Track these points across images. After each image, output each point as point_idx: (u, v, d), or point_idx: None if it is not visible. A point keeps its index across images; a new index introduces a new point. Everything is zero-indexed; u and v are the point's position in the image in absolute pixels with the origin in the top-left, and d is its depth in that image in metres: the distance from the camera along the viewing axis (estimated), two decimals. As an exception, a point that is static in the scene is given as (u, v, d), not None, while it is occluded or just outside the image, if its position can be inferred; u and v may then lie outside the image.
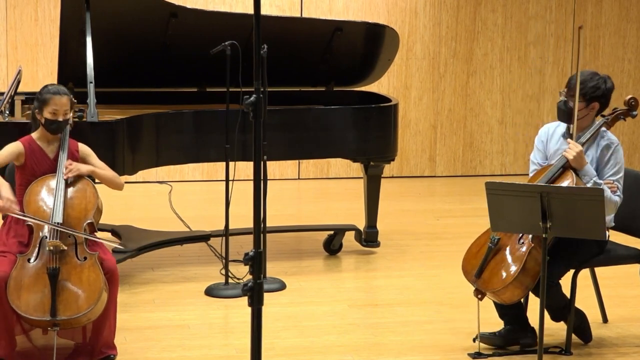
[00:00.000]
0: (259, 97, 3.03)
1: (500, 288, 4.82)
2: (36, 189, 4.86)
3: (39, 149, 4.95)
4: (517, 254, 4.87)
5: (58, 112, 4.90)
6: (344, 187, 9.75)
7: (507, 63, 10.44)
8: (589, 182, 4.87)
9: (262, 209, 5.06)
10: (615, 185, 4.97)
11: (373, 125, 6.83)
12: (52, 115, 4.89)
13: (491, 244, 4.93)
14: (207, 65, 6.42)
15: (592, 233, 4.58)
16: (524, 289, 4.85)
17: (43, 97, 4.93)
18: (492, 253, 4.93)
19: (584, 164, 4.90)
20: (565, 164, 4.92)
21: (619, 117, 5.12)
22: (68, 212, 4.80)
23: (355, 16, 9.95)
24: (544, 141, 5.19)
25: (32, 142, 4.97)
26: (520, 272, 4.79)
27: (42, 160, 4.94)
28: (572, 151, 4.89)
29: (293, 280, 6.35)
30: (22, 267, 4.65)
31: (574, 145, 4.90)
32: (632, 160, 10.84)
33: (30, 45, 9.45)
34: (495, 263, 4.92)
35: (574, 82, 4.96)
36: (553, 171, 4.93)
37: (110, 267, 4.75)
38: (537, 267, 4.80)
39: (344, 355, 5.07)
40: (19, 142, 4.95)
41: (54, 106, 4.89)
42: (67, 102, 4.94)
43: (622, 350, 5.19)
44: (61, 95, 4.92)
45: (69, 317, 4.56)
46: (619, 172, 5.01)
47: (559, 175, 4.93)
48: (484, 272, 4.91)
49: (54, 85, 5.06)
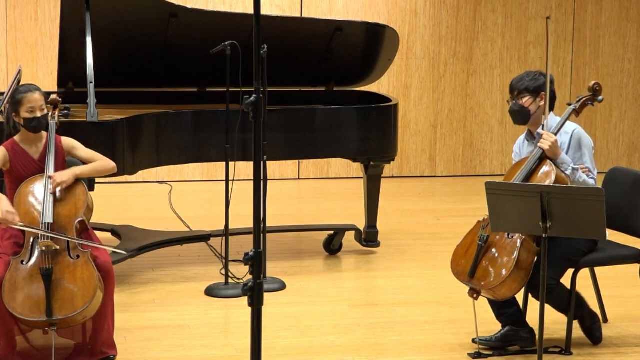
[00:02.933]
0: (259, 97, 3.03)
1: (497, 284, 4.83)
2: (25, 191, 4.86)
3: (22, 151, 4.95)
4: (509, 248, 4.89)
5: (34, 108, 4.88)
6: (344, 187, 9.76)
7: (507, 63, 10.44)
8: (568, 169, 4.93)
9: (262, 209, 5.05)
10: (586, 169, 5.02)
11: (373, 125, 6.83)
12: (29, 114, 4.88)
13: (481, 242, 4.95)
14: (207, 65, 6.42)
15: (592, 233, 4.58)
16: (520, 283, 4.87)
17: (16, 99, 4.92)
18: (482, 251, 4.94)
19: (559, 153, 4.96)
20: (542, 155, 4.97)
21: (586, 104, 5.18)
22: (58, 212, 4.80)
23: (355, 16, 9.95)
24: (518, 151, 5.30)
25: (15, 145, 4.97)
26: (515, 266, 4.81)
27: (27, 162, 4.94)
28: (547, 141, 4.94)
29: (293, 280, 6.35)
30: (15, 269, 4.64)
31: (547, 135, 4.96)
32: (632, 160, 10.84)
33: (30, 45, 9.45)
34: (487, 260, 4.93)
35: (514, 84, 5.15)
36: (531, 163, 4.99)
37: (105, 265, 4.74)
38: (530, 259, 4.83)
39: (344, 355, 5.07)
40: (2, 147, 4.95)
41: (29, 104, 4.88)
42: (41, 98, 4.93)
43: (622, 350, 5.19)
44: (33, 92, 4.92)
45: (65, 316, 4.56)
46: (585, 154, 5.06)
47: (537, 166, 4.97)
48: (477, 271, 4.92)
49: (23, 85, 5.06)
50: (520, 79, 5.16)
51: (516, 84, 5.16)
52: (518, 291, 4.95)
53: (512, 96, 5.17)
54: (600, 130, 10.76)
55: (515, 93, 5.14)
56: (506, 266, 4.84)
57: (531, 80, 5.14)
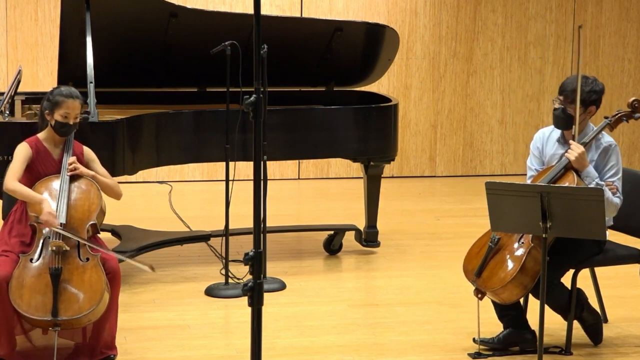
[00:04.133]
0: (259, 97, 3.03)
1: (499, 287, 4.83)
2: (40, 190, 4.85)
3: (44, 149, 4.95)
4: (517, 253, 4.87)
5: (69, 115, 4.89)
6: (344, 187, 9.76)
7: (507, 63, 10.44)
8: (591, 184, 4.87)
9: (262, 209, 5.06)
10: (615, 187, 4.97)
11: (373, 125, 6.83)
12: (63, 119, 4.88)
13: (491, 243, 4.94)
14: (207, 65, 6.42)
15: (592, 233, 4.58)
16: (522, 289, 4.86)
17: (56, 100, 4.90)
18: (492, 253, 4.94)
19: (586, 165, 4.90)
20: (567, 165, 4.93)
21: (621, 119, 5.11)
22: (71, 213, 4.80)
23: (355, 16, 9.95)
24: (540, 147, 5.20)
25: (39, 142, 4.96)
26: (518, 272, 4.80)
27: (48, 161, 4.94)
28: (574, 152, 4.89)
29: (293, 280, 6.35)
30: (24, 266, 4.65)
31: (576, 146, 4.90)
32: (632, 160, 10.84)
33: (30, 45, 9.45)
34: (495, 263, 4.92)
35: (571, 88, 4.97)
36: (555, 172, 4.93)
37: (113, 267, 4.75)
38: (536, 267, 4.80)
39: (344, 355, 5.07)
40: (26, 143, 4.94)
41: (66, 110, 4.88)
42: (79, 106, 4.93)
43: (622, 350, 5.19)
44: (74, 99, 4.91)
45: (70, 318, 4.56)
46: (617, 174, 5.02)
47: (561, 176, 4.93)
48: (483, 272, 4.92)
49: (67, 87, 5.03)
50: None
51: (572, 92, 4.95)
52: (521, 296, 4.94)
53: (563, 99, 5.00)
54: (600, 130, 10.75)
55: (569, 100, 4.98)
56: (510, 271, 4.83)
57: (589, 92, 4.98)
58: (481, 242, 5.07)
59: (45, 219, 4.69)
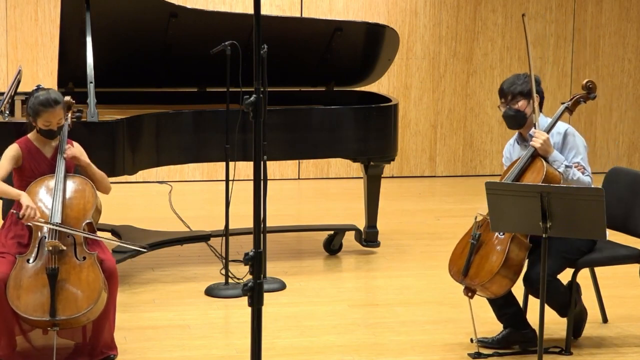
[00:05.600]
0: (259, 97, 3.03)
1: (487, 281, 4.84)
2: (35, 190, 4.85)
3: (35, 149, 4.94)
4: (499, 245, 4.90)
5: (51, 123, 4.84)
6: (344, 187, 9.75)
7: (507, 63, 10.44)
8: (561, 167, 4.93)
9: (262, 209, 5.06)
10: (581, 167, 5.02)
11: (373, 125, 6.83)
12: (45, 126, 4.86)
13: (473, 240, 4.97)
14: (207, 65, 6.42)
15: (592, 233, 4.58)
16: (510, 279, 4.88)
17: (35, 109, 4.82)
18: (475, 249, 4.96)
19: (551, 151, 4.95)
20: (534, 153, 4.99)
21: (579, 102, 5.17)
22: (67, 212, 4.80)
23: (355, 16, 9.95)
24: (509, 156, 5.31)
25: (29, 142, 4.95)
26: (503, 262, 4.82)
27: (40, 160, 4.93)
28: (539, 139, 4.95)
29: (293, 280, 6.35)
30: (21, 267, 4.65)
31: (539, 133, 4.96)
32: (632, 160, 10.84)
33: (30, 45, 9.45)
34: (480, 258, 4.94)
35: (506, 87, 5.10)
36: (523, 161, 5.00)
37: (110, 267, 4.75)
38: (521, 255, 4.86)
39: (344, 355, 5.07)
40: (16, 144, 4.93)
41: (46, 119, 4.82)
42: (60, 112, 4.85)
43: (622, 350, 5.19)
44: (53, 108, 4.81)
45: (68, 317, 4.56)
46: (579, 154, 5.07)
47: (529, 164, 4.99)
48: (470, 269, 4.94)
49: (45, 92, 4.87)
50: (512, 83, 5.11)
51: (508, 89, 5.10)
52: (510, 287, 4.95)
53: (505, 101, 5.12)
54: (600, 130, 10.76)
55: (509, 98, 5.09)
56: (495, 263, 4.85)
57: (523, 83, 5.09)
58: (463, 242, 5.10)
59: (24, 212, 4.65)
